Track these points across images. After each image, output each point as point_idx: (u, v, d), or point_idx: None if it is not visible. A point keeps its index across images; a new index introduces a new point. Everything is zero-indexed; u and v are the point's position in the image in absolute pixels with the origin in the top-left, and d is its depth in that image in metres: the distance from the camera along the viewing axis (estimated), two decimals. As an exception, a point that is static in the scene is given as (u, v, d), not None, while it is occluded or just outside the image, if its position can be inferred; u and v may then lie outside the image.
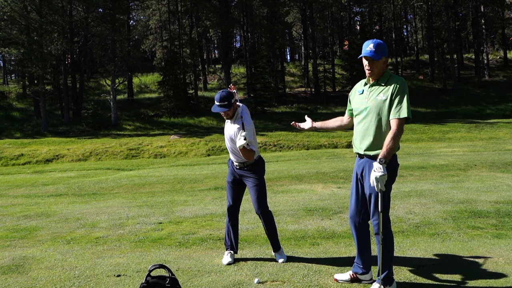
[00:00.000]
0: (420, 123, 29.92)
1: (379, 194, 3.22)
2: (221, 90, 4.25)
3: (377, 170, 3.12)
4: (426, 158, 13.91)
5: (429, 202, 6.67)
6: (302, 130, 3.97)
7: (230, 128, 4.29)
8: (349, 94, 3.66)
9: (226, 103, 4.14)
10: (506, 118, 30.78)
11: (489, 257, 4.08)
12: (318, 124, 3.91)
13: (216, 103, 4.16)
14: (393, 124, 3.21)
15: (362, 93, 3.46)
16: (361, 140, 3.43)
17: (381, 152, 3.17)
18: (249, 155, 4.12)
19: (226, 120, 4.38)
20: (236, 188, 4.39)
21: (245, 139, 3.98)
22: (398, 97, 3.23)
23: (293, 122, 4.06)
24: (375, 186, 3.15)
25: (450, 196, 7.08)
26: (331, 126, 3.85)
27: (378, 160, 3.15)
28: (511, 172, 9.67)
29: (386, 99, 3.27)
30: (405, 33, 61.96)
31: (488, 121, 29.73)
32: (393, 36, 51.80)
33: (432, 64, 43.30)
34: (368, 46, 3.32)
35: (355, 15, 50.87)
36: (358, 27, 48.04)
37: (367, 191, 3.40)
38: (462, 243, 4.55)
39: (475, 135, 25.33)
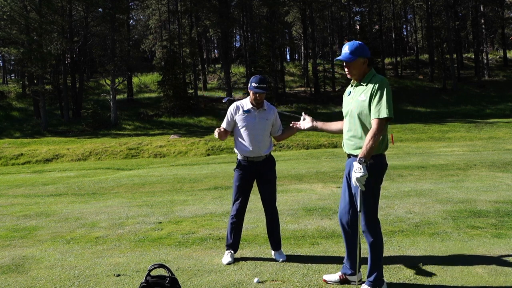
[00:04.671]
0: (419, 123, 29.93)
1: (360, 194, 3.25)
2: (257, 75, 4.43)
3: (357, 171, 3.15)
4: (425, 157, 13.92)
5: (429, 201, 6.67)
6: (303, 129, 3.97)
7: (259, 117, 4.31)
8: (343, 97, 3.69)
9: (264, 85, 4.26)
10: (505, 117, 30.78)
11: (488, 257, 4.08)
12: (319, 124, 3.89)
13: (254, 84, 4.23)
14: (373, 123, 3.24)
15: (349, 94, 3.53)
16: (347, 140, 3.48)
17: (361, 152, 3.20)
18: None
19: (245, 111, 4.32)
20: (249, 190, 4.39)
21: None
22: (377, 97, 3.25)
23: (292, 123, 4.08)
24: (358, 186, 3.19)
25: (450, 195, 7.08)
26: (332, 128, 3.84)
27: (358, 159, 3.18)
28: (511, 172, 9.68)
29: (365, 100, 3.31)
30: (405, 33, 62.03)
31: (488, 120, 29.74)
32: (393, 35, 51.83)
33: (431, 64, 43.30)
34: (344, 49, 3.41)
35: (354, 15, 50.87)
36: (357, 27, 48.02)
37: (352, 190, 3.44)
38: (462, 242, 4.55)
39: (474, 134, 25.34)
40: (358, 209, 3.30)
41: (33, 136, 30.64)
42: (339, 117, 3.70)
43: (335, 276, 3.65)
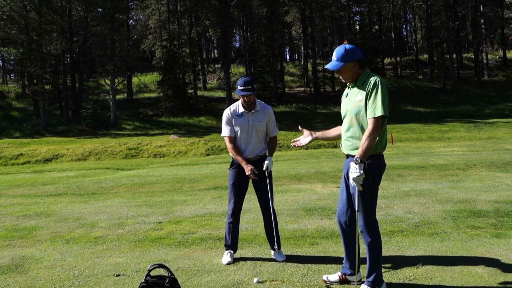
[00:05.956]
0: (419, 122, 29.94)
1: (358, 194, 3.26)
2: (242, 77, 4.33)
3: (353, 171, 3.16)
4: (425, 157, 13.92)
5: (429, 201, 6.67)
6: (305, 145, 3.91)
7: (251, 119, 4.28)
8: (341, 99, 3.70)
9: (250, 87, 4.17)
10: (505, 117, 30.80)
11: (488, 257, 4.08)
12: (319, 134, 3.87)
13: (239, 87, 4.17)
14: (369, 123, 3.24)
15: (347, 96, 3.54)
16: (346, 141, 3.48)
17: (357, 152, 3.20)
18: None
19: (238, 115, 4.31)
20: (245, 191, 4.41)
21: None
22: (373, 96, 3.25)
23: (293, 140, 3.97)
24: (355, 186, 3.20)
25: (450, 195, 7.08)
26: (332, 135, 3.82)
27: (354, 160, 3.18)
28: (510, 172, 9.68)
29: (362, 99, 3.32)
30: (405, 33, 62.06)
31: (487, 120, 29.76)
32: (393, 36, 51.84)
33: (431, 64, 43.31)
34: (332, 57, 3.42)
35: (354, 15, 50.90)
36: (357, 27, 48.05)
37: (351, 190, 3.44)
38: (462, 242, 4.55)
39: (474, 134, 25.35)
40: (357, 209, 3.30)
41: (32, 136, 30.63)
42: (338, 117, 3.70)
43: (335, 276, 3.66)
